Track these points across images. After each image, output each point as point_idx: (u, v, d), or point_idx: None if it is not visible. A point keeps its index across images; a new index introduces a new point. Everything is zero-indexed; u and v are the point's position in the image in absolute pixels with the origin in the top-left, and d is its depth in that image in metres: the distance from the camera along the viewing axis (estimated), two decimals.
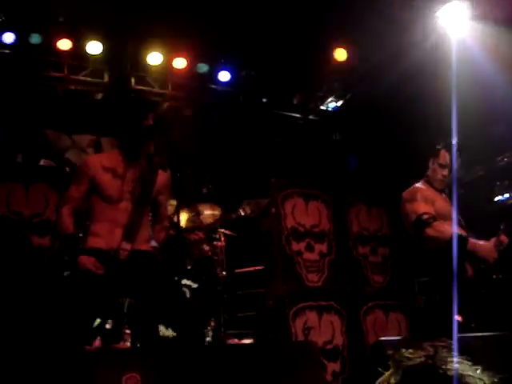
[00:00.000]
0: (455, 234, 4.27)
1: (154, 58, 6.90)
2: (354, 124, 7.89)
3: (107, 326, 4.51)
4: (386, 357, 1.42)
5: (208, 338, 5.23)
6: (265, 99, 7.70)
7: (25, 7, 6.16)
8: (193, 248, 5.37)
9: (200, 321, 5.01)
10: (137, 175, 3.74)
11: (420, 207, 4.61)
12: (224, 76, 7.29)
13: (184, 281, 5.26)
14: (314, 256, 5.78)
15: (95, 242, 3.63)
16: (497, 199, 6.57)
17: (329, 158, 7.96)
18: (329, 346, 5.50)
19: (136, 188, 3.71)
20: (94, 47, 6.60)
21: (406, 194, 4.79)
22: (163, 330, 4.27)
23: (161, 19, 6.11)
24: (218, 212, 5.98)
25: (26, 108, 6.77)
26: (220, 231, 5.90)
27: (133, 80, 7.12)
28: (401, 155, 6.99)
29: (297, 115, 8.02)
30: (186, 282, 5.32)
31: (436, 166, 4.74)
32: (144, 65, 6.97)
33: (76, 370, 3.15)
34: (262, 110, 7.76)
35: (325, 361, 5.28)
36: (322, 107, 7.94)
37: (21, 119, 6.83)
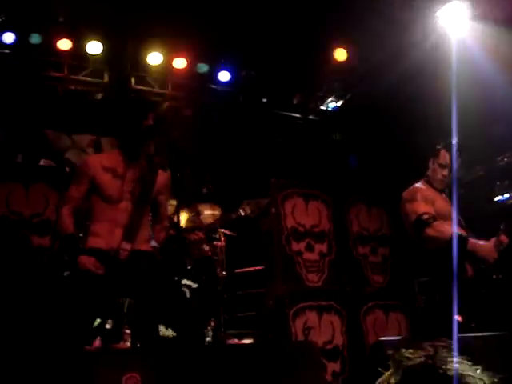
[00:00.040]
0: (455, 234, 4.27)
1: (154, 58, 6.90)
2: (354, 124, 7.89)
3: (107, 326, 4.51)
4: (386, 357, 1.42)
5: (208, 338, 5.23)
6: (265, 99, 7.69)
7: (25, 7, 6.16)
8: (193, 248, 5.37)
9: (200, 321, 5.01)
10: (137, 175, 3.74)
11: (420, 207, 4.61)
12: (224, 76, 7.29)
13: (184, 281, 5.26)
14: (314, 256, 5.78)
15: (95, 242, 3.63)
16: (497, 199, 6.57)
17: (329, 158, 7.96)
18: (329, 346, 5.50)
19: (136, 188, 3.71)
20: (94, 47, 6.60)
21: (406, 194, 4.78)
22: (163, 330, 4.27)
23: (161, 19, 6.11)
24: (218, 212, 5.98)
25: (26, 108, 6.77)
26: (220, 231, 5.90)
27: (133, 80, 7.12)
28: (401, 155, 6.99)
29: (297, 115, 8.02)
30: (186, 282, 5.32)
31: (436, 166, 4.74)
32: (144, 65, 6.97)
33: (76, 370, 3.15)
34: (262, 110, 7.76)
35: (325, 361, 5.28)
36: (322, 107, 7.94)
37: (21, 119, 6.83)
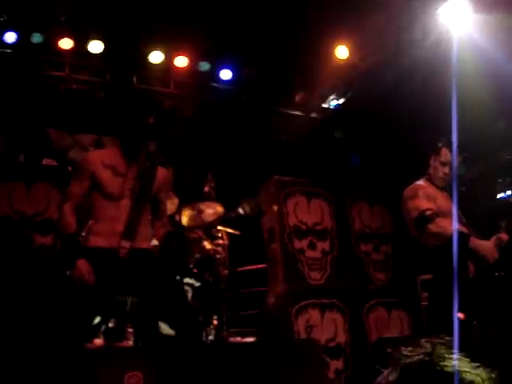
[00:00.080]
0: (456, 231, 4.27)
1: (156, 57, 6.89)
2: (356, 122, 7.88)
3: (110, 325, 4.52)
4: (388, 354, 1.42)
5: (210, 337, 5.23)
6: (266, 97, 7.69)
7: (26, 7, 6.16)
8: (192, 246, 5.38)
9: (198, 319, 5.01)
10: (137, 173, 3.75)
11: (422, 203, 4.61)
12: (226, 74, 7.28)
13: (187, 279, 5.27)
14: (317, 254, 5.78)
15: (96, 241, 3.63)
16: (499, 196, 6.57)
17: (331, 156, 7.95)
18: (331, 344, 5.50)
19: (136, 185, 3.72)
20: (96, 46, 6.60)
21: (408, 192, 4.79)
22: (167, 329, 4.27)
23: (162, 18, 6.11)
24: (220, 210, 5.99)
25: (28, 107, 6.77)
26: (223, 230, 5.91)
27: (134, 79, 7.12)
28: (403, 153, 6.99)
29: (298, 113, 8.01)
30: (189, 281, 5.33)
31: (437, 164, 4.74)
32: (145, 63, 6.96)
33: (78, 369, 3.15)
34: (264, 108, 7.75)
35: (327, 358, 5.28)
36: (324, 105, 7.93)
37: (23, 118, 6.84)
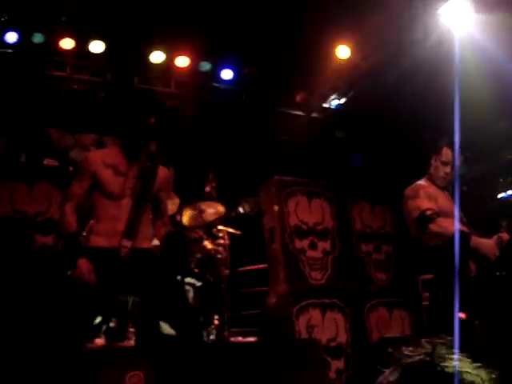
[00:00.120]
0: (457, 231, 4.27)
1: (157, 57, 6.90)
2: (357, 122, 7.88)
3: (111, 325, 4.52)
4: (389, 354, 1.42)
5: (212, 336, 5.24)
6: (267, 97, 7.69)
7: (27, 6, 6.16)
8: (193, 246, 5.38)
9: (199, 319, 5.02)
10: (138, 172, 3.75)
11: (423, 203, 4.62)
12: (227, 74, 7.28)
13: (188, 279, 5.28)
14: (318, 254, 5.78)
15: (97, 241, 3.63)
16: (500, 196, 6.56)
17: (332, 156, 7.95)
18: (332, 344, 5.50)
19: (137, 185, 3.72)
20: (97, 46, 6.61)
21: (409, 191, 4.79)
22: (168, 329, 4.28)
23: (163, 18, 6.11)
24: (222, 210, 5.99)
25: (29, 107, 6.77)
26: (224, 230, 5.92)
27: (135, 79, 7.13)
28: (404, 153, 6.99)
29: (299, 113, 8.01)
30: (190, 281, 5.34)
31: (438, 164, 4.74)
32: (146, 63, 6.97)
33: (80, 368, 3.16)
34: (265, 108, 7.75)
35: (328, 358, 5.28)
36: (325, 105, 7.93)
37: (24, 118, 6.84)
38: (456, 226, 4.35)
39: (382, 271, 6.08)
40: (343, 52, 6.86)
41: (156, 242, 4.15)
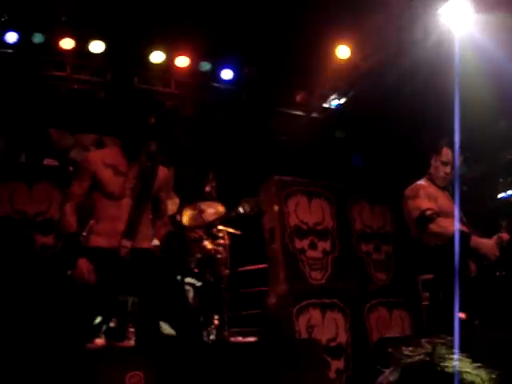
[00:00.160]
0: (457, 230, 4.27)
1: (157, 57, 6.90)
2: (357, 122, 7.88)
3: (111, 325, 4.52)
4: (389, 354, 1.42)
5: (212, 336, 5.24)
6: (267, 97, 7.69)
7: (27, 6, 6.16)
8: (193, 246, 5.38)
9: (199, 319, 5.02)
10: (138, 172, 3.75)
11: (423, 203, 4.61)
12: (227, 74, 7.28)
13: (188, 279, 5.28)
14: (318, 254, 5.78)
15: (97, 241, 3.63)
16: (500, 196, 6.56)
17: (331, 156, 7.95)
18: (332, 344, 5.49)
19: (137, 185, 3.72)
20: (97, 46, 6.61)
21: (409, 191, 4.79)
22: (168, 329, 4.28)
23: (163, 18, 6.11)
24: (222, 210, 5.99)
25: (29, 107, 6.77)
26: (224, 230, 5.92)
27: (135, 79, 7.13)
28: (404, 153, 6.99)
29: (299, 113, 8.01)
30: (190, 281, 5.34)
31: (438, 164, 4.74)
32: (146, 63, 6.97)
33: (80, 368, 3.16)
34: (265, 108, 7.75)
35: (328, 358, 5.28)
36: (325, 105, 7.93)
37: (24, 118, 6.84)
38: (456, 226, 4.35)
39: (382, 271, 6.08)
40: (343, 52, 6.86)
41: (156, 242, 4.15)
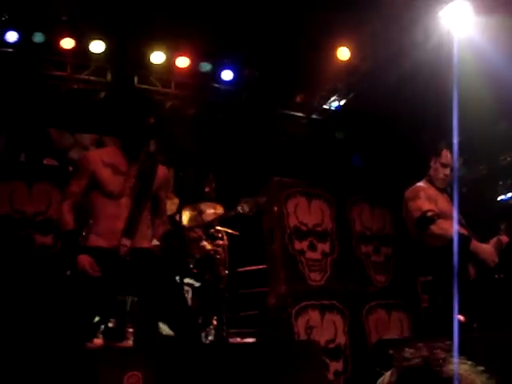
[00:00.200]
0: (456, 232, 4.27)
1: (157, 57, 6.90)
2: (357, 123, 7.88)
3: (110, 325, 4.52)
4: (388, 356, 1.42)
5: (210, 337, 5.23)
6: (267, 98, 7.69)
7: (28, 6, 6.17)
8: (192, 246, 5.38)
9: (198, 320, 5.01)
10: (137, 171, 3.75)
11: (424, 204, 4.61)
12: (227, 75, 7.29)
13: (187, 280, 5.27)
14: (317, 255, 5.77)
15: (96, 241, 3.63)
16: (499, 198, 6.56)
17: (331, 157, 7.96)
18: (331, 345, 5.49)
19: (137, 184, 3.71)
20: (97, 46, 6.62)
21: (409, 193, 4.78)
22: (166, 329, 4.28)
23: (163, 18, 6.11)
24: (220, 211, 5.99)
25: (29, 107, 6.78)
26: (223, 230, 5.92)
27: (136, 79, 7.14)
28: (404, 154, 6.99)
29: (299, 114, 8.02)
30: (189, 281, 5.33)
31: (438, 166, 4.74)
32: (147, 64, 6.98)
33: (78, 368, 3.15)
34: (265, 109, 7.76)
35: (327, 360, 5.27)
36: (325, 106, 7.94)
37: (24, 118, 6.85)
38: (455, 228, 4.34)
39: (382, 273, 6.07)
40: (343, 53, 6.87)
41: (156, 242, 4.15)
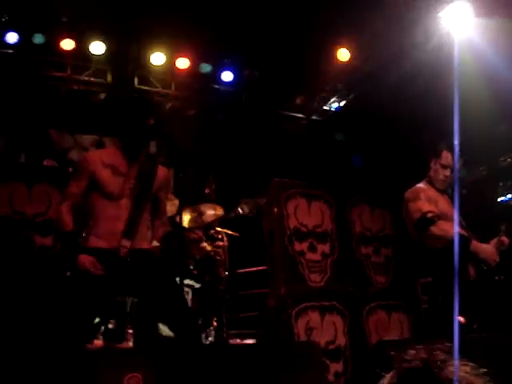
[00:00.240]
0: (457, 234, 4.27)
1: (157, 58, 6.91)
2: (357, 124, 7.89)
3: (110, 326, 4.52)
4: (388, 357, 1.42)
5: (210, 338, 5.23)
6: (268, 99, 7.70)
7: (28, 7, 6.18)
8: (192, 247, 5.37)
9: (197, 321, 5.01)
10: (138, 172, 3.74)
11: (424, 206, 4.61)
12: (227, 76, 7.29)
13: (187, 281, 5.27)
14: (317, 256, 5.77)
15: (96, 242, 3.62)
16: (500, 199, 6.56)
17: (331, 159, 7.96)
18: (331, 347, 5.49)
19: (137, 185, 3.71)
20: (97, 47, 6.62)
21: (409, 194, 4.78)
22: (166, 331, 4.27)
23: (163, 19, 6.12)
24: (220, 212, 5.99)
25: (29, 108, 6.78)
26: (223, 231, 5.92)
27: (136, 80, 7.14)
28: (404, 156, 6.99)
29: (300, 115, 8.02)
30: (189, 282, 5.33)
31: (438, 167, 4.73)
32: (147, 65, 6.98)
33: (78, 370, 3.15)
34: (265, 110, 7.76)
35: (327, 361, 5.27)
36: (325, 107, 7.94)
37: (24, 119, 6.85)
38: (455, 230, 4.34)
39: (382, 274, 6.07)
40: (343, 54, 6.87)
41: (156, 244, 4.14)
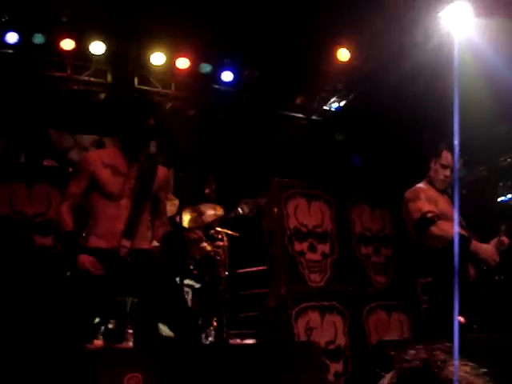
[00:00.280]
0: (457, 234, 4.27)
1: (157, 58, 6.91)
2: (357, 124, 7.89)
3: (110, 326, 4.52)
4: (388, 357, 1.42)
5: (210, 338, 5.23)
6: (268, 99, 7.70)
7: (28, 7, 6.18)
8: (192, 247, 5.37)
9: (197, 321, 5.01)
10: (138, 172, 3.74)
11: (424, 206, 4.60)
12: (227, 76, 7.30)
13: (187, 281, 5.27)
14: (317, 256, 5.77)
15: (96, 242, 3.62)
16: (500, 199, 6.56)
17: (331, 159, 7.96)
18: (331, 347, 5.49)
19: (137, 185, 3.71)
20: (97, 47, 6.62)
21: (409, 194, 4.78)
22: (166, 331, 4.27)
23: (163, 19, 6.12)
24: (220, 212, 5.99)
25: (29, 108, 6.79)
26: (223, 231, 5.92)
27: (136, 80, 7.14)
28: (404, 156, 6.99)
29: (300, 115, 8.02)
30: (189, 282, 5.33)
31: (438, 167, 4.73)
32: (147, 65, 6.98)
33: (78, 370, 3.15)
34: (265, 110, 7.76)
35: (327, 361, 5.27)
36: (325, 107, 7.94)
37: (24, 119, 6.85)
38: (455, 230, 4.34)
39: (382, 274, 6.07)
40: (343, 54, 6.87)
41: (156, 244, 4.14)
